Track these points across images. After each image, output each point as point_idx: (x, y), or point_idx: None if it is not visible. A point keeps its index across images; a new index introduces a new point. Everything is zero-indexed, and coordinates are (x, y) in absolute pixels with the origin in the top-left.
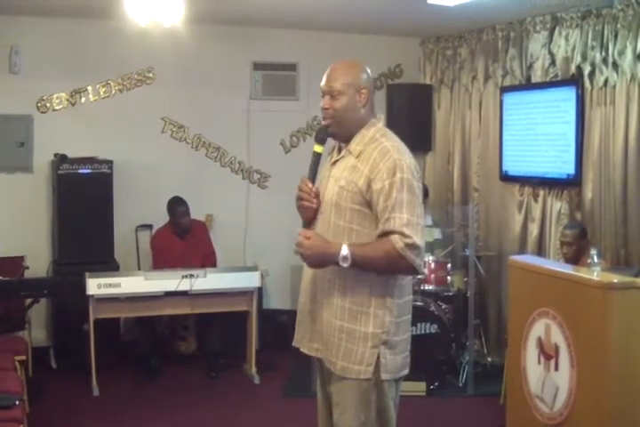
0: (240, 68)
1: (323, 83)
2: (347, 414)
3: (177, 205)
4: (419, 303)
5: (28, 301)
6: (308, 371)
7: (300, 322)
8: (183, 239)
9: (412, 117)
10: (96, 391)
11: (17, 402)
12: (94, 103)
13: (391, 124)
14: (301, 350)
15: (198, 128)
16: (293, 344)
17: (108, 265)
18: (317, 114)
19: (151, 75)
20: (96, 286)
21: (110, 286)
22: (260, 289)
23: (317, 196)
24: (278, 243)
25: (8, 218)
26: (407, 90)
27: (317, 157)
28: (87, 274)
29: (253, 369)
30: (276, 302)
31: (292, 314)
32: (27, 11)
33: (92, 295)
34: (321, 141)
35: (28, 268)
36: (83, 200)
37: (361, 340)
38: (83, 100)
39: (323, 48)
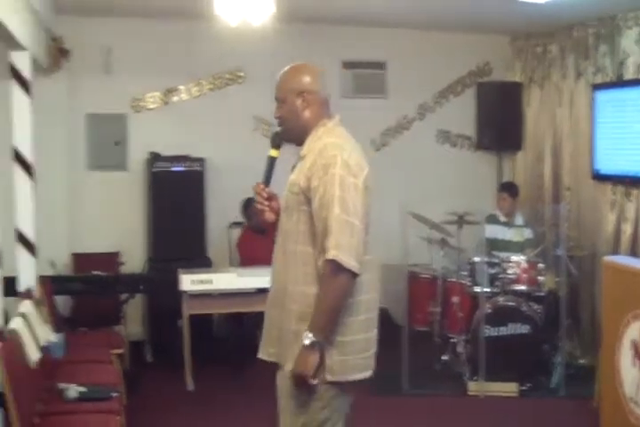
0: (329, 67)
1: None
2: (285, 416)
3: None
4: (510, 303)
5: (124, 296)
6: (399, 368)
7: (264, 329)
8: (266, 236)
9: (502, 116)
10: (191, 386)
11: (114, 394)
12: (187, 102)
13: (481, 122)
14: (259, 355)
15: None
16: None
17: (201, 262)
18: (407, 112)
19: (242, 74)
20: (189, 282)
21: (203, 282)
22: None
23: (271, 199)
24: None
25: (105, 215)
26: (496, 88)
27: (271, 161)
28: (180, 270)
29: None
30: None
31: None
32: (121, 12)
33: (186, 291)
34: (276, 146)
35: (123, 264)
36: (176, 197)
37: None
38: (175, 99)
39: (411, 46)
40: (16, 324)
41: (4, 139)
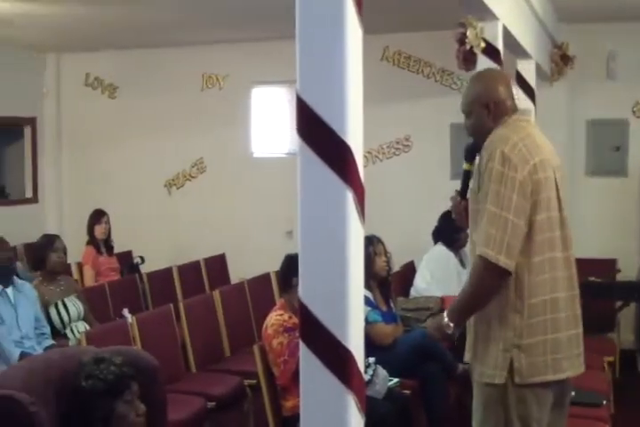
0: None
1: None
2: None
3: None
4: None
5: (619, 303)
6: None
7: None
8: None
9: None
10: None
11: (604, 402)
12: None
13: None
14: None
15: None
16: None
17: None
18: None
19: None
20: None
21: None
22: None
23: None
24: None
25: (601, 220)
26: None
27: (465, 174)
28: None
29: None
30: None
31: None
32: (624, 17)
33: None
34: (467, 160)
35: (619, 271)
36: None
37: (493, 342)
38: None
39: None
40: None
41: None
